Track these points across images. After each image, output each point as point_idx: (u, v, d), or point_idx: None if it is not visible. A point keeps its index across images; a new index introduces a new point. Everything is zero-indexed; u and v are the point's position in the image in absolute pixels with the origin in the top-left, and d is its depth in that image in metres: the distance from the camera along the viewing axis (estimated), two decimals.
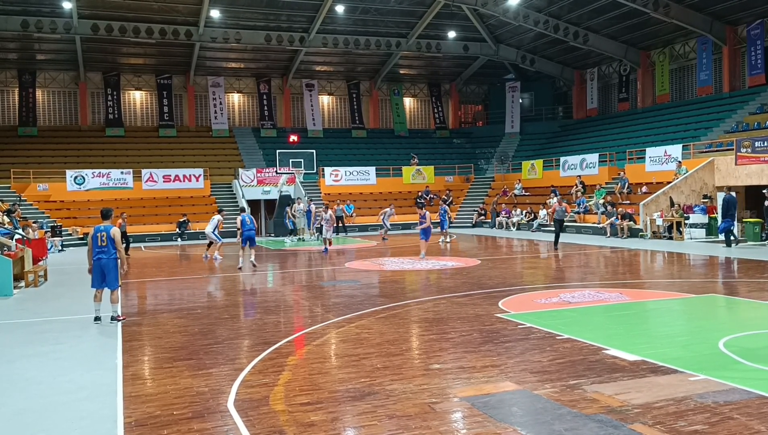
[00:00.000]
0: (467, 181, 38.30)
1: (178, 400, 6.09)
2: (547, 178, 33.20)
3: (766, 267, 15.02)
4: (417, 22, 35.90)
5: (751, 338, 8.03)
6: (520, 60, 40.04)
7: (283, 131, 39.47)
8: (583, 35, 35.00)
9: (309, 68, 40.55)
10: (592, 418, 5.32)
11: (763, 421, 5.10)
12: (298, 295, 12.92)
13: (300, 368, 7.20)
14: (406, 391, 6.14)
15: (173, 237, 29.08)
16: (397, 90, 43.85)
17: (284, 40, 35.52)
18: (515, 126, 42.39)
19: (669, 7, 29.88)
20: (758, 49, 29.56)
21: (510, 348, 7.78)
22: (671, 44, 34.62)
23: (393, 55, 39.10)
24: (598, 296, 11.37)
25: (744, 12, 29.72)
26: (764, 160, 21.81)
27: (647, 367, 6.75)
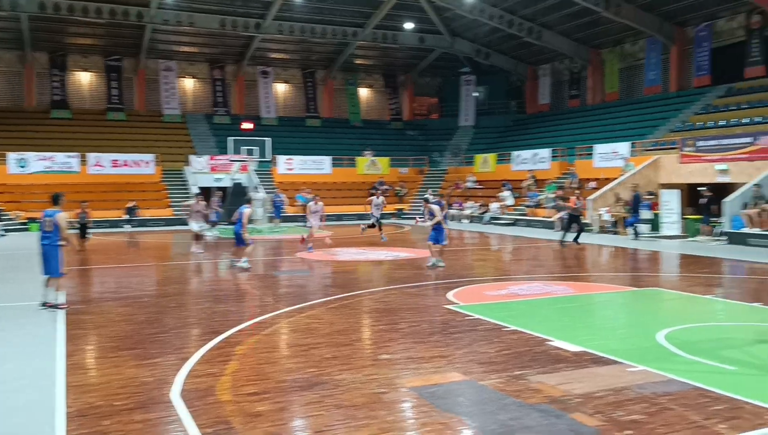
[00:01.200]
0: (421, 173, 38.51)
1: (121, 390, 5.97)
2: (499, 171, 33.65)
3: (705, 262, 15.57)
4: (373, 12, 35.79)
5: (690, 331, 8.32)
6: (475, 54, 40.38)
7: (237, 118, 38.88)
8: (537, 31, 35.50)
9: (264, 55, 40.04)
10: (535, 407, 5.44)
11: (699, 412, 5.30)
12: (249, 284, 12.80)
13: (248, 358, 7.15)
14: (355, 381, 6.16)
15: (121, 223, 28.41)
16: (353, 80, 43.69)
17: (239, 25, 34.96)
18: (469, 119, 42.77)
19: (620, 6, 30.54)
20: (705, 50, 30.50)
21: (458, 339, 7.89)
22: (621, 43, 35.43)
23: (349, 45, 38.93)
24: (546, 289, 11.60)
25: (692, 13, 30.60)
26: (707, 159, 22.57)
27: (589, 358, 6.93)
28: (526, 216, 28.04)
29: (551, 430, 4.96)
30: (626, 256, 17.62)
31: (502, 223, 28.57)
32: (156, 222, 29.43)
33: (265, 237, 23.95)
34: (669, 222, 21.63)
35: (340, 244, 20.52)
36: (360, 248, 19.12)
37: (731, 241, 19.10)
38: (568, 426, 5.04)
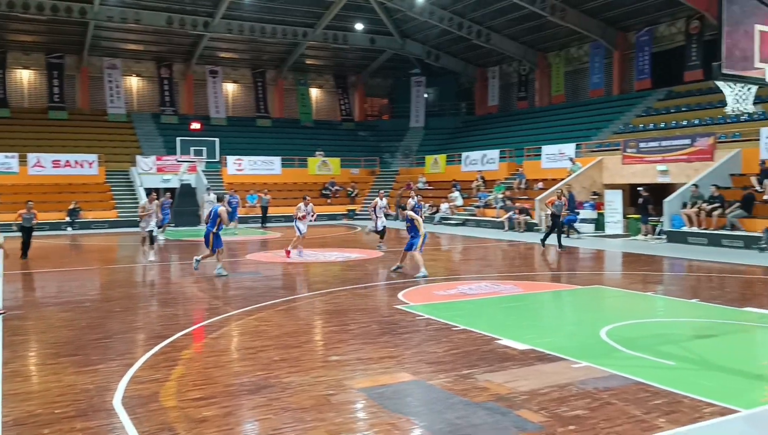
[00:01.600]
0: (373, 174, 38.58)
1: (60, 398, 5.79)
2: (449, 172, 33.98)
3: (646, 260, 16.05)
4: (324, 12, 35.67)
5: (631, 327, 8.57)
6: (426, 55, 40.70)
7: (185, 118, 38.19)
8: (486, 34, 36.01)
9: (213, 54, 39.45)
10: (481, 405, 5.52)
11: (640, 407, 5.46)
12: (197, 287, 12.58)
13: (194, 362, 7.03)
14: (303, 384, 6.13)
15: (63, 226, 27.56)
16: (304, 80, 43.46)
17: (187, 23, 34.34)
18: (420, 120, 43.07)
19: (565, 11, 31.24)
20: (646, 55, 31.47)
21: (408, 339, 7.93)
22: (567, 47, 36.25)
23: (299, 45, 38.71)
24: (494, 288, 11.77)
25: (634, 19, 31.54)
26: (648, 160, 23.28)
27: (535, 356, 7.07)
28: (476, 216, 28.39)
29: (497, 428, 5.04)
30: (572, 255, 18.02)
31: (452, 224, 28.86)
32: (100, 224, 28.66)
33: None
34: (612, 221, 22.23)
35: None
36: (310, 250, 19.02)
37: (671, 240, 19.75)
38: (513, 423, 5.13)
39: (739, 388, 6.08)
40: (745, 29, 7.16)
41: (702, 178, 20.48)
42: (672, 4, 28.03)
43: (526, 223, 24.75)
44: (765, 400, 5.64)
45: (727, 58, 6.99)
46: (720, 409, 5.35)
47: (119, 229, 27.87)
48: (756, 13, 7.16)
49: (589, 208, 23.67)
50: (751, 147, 21.03)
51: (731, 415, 5.23)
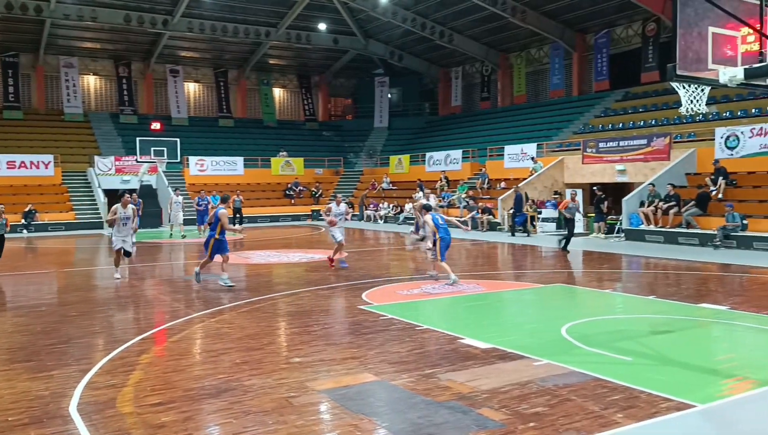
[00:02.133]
0: (337, 174, 38.48)
1: (13, 406, 5.62)
2: (413, 172, 34.10)
3: (605, 258, 16.34)
4: (287, 12, 35.47)
5: (590, 324, 8.71)
6: (389, 55, 40.78)
7: (145, 118, 37.58)
8: (449, 35, 36.25)
9: (173, 53, 38.88)
10: (443, 405, 5.54)
11: (597, 402, 5.55)
12: (157, 290, 12.37)
13: (153, 367, 6.90)
14: (265, 386, 6.07)
15: (18, 228, 26.81)
16: (267, 80, 43.15)
17: (146, 21, 33.77)
18: (383, 120, 43.13)
19: (526, 13, 31.64)
20: (604, 56, 32.08)
21: (371, 339, 7.92)
22: (528, 48, 36.72)
23: (262, 45, 38.41)
24: (457, 287, 11.83)
25: (592, 21, 32.12)
26: (607, 160, 23.71)
27: (497, 354, 7.12)
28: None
29: (458, 426, 5.06)
30: (534, 253, 18.24)
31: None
32: (57, 226, 27.99)
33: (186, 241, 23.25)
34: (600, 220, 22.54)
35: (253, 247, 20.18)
36: (273, 250, 18.89)
37: (629, 238, 20.15)
38: (474, 421, 5.16)
39: (695, 383, 6.22)
40: (699, 31, 7.32)
41: (658, 178, 20.94)
42: (629, 6, 28.62)
43: (489, 222, 24.97)
44: (720, 395, 5.78)
45: (682, 60, 7.13)
46: (676, 404, 5.45)
47: (76, 231, 27.26)
48: (709, 16, 7.33)
49: (550, 207, 23.99)
50: (705, 147, 21.60)
51: (687, 410, 5.34)
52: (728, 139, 20.42)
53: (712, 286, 12.07)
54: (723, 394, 5.83)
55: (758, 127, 19.93)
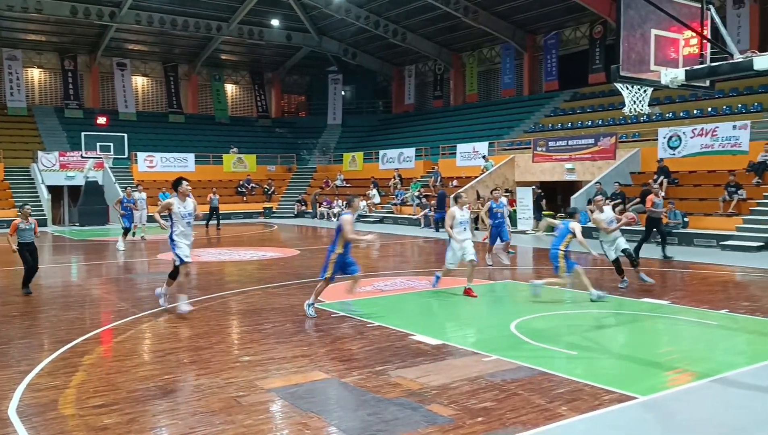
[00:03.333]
0: (290, 171, 38.21)
1: None
2: (367, 170, 34.11)
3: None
4: (239, 6, 34.98)
5: (538, 320, 8.86)
6: (343, 53, 40.67)
7: (91, 112, 36.57)
8: (402, 33, 36.37)
9: (121, 46, 37.92)
10: (393, 401, 5.56)
11: (544, 396, 5.66)
12: (102, 288, 12.07)
13: (97, 368, 6.73)
14: (212, 386, 5.98)
15: None
16: (219, 76, 42.53)
17: (92, 14, 32.83)
18: (337, 118, 43.02)
19: (478, 13, 31.99)
20: (553, 57, 32.72)
21: (322, 337, 7.89)
22: (480, 48, 37.15)
23: (213, 40, 37.82)
24: (409, 284, 11.91)
25: (542, 23, 32.69)
26: (556, 158, 24.18)
27: (447, 351, 7.19)
28: (393, 213, 28.63)
29: (407, 423, 5.09)
30: (485, 250, 18.46)
31: (369, 221, 28.96)
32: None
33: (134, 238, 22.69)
34: (524, 217, 22.93)
35: (204, 245, 19.87)
36: (224, 248, 18.65)
37: None
38: (423, 417, 5.19)
39: (637, 375, 6.40)
40: (642, 33, 7.51)
41: (605, 176, 21.46)
42: (577, 9, 29.23)
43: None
44: (661, 387, 5.96)
45: (625, 61, 7.31)
46: (619, 396, 5.61)
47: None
48: (652, 18, 7.53)
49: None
50: (649, 146, 22.24)
51: (629, 401, 5.49)
52: (671, 139, 21.07)
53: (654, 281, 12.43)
54: (664, 386, 6.01)
55: (699, 128, 20.63)
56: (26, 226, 11.04)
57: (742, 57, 7.17)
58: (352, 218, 9.26)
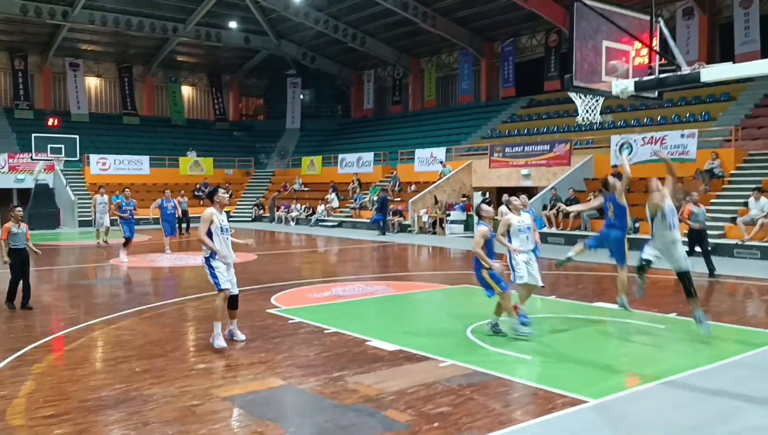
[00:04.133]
0: (247, 174, 37.85)
1: None
2: (326, 174, 34.03)
3: None
4: (196, 8, 34.51)
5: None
6: (302, 56, 40.52)
7: (42, 113, 35.61)
8: (361, 38, 36.43)
9: (74, 46, 37.03)
10: (350, 408, 5.57)
11: (498, 400, 5.75)
12: (53, 295, 11.75)
13: (47, 377, 6.56)
14: (166, 395, 5.89)
15: None
16: (175, 77, 41.89)
17: (44, 12, 31.95)
18: (296, 121, 42.82)
19: (436, 19, 32.26)
20: (510, 64, 33.22)
21: (279, 344, 7.85)
22: (438, 54, 37.48)
23: (170, 41, 37.24)
24: (367, 289, 11.93)
25: (499, 30, 33.16)
26: (513, 164, 24.54)
27: (404, 356, 7.23)
28: (352, 218, 28.63)
29: (364, 429, 5.11)
30: (443, 255, 18.64)
31: (328, 225, 28.92)
32: None
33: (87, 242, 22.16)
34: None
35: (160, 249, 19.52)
36: (180, 253, 18.37)
37: None
38: (380, 423, 5.22)
39: (590, 379, 6.55)
40: (594, 44, 7.71)
41: (560, 182, 21.87)
42: (533, 17, 29.74)
43: (399, 224, 25.30)
44: (612, 390, 6.10)
45: (578, 72, 7.49)
46: (571, 399, 5.73)
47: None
48: (603, 30, 7.73)
49: (459, 209, 24.56)
50: (602, 153, 22.77)
51: (581, 405, 5.62)
52: (622, 147, 21.61)
53: (605, 285, 12.73)
54: (615, 388, 6.15)
55: (649, 136, 21.22)
56: (18, 230, 10.12)
57: (690, 69, 7.43)
58: (488, 230, 8.11)
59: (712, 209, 18.26)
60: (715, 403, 5.73)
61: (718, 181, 19.33)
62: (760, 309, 10.40)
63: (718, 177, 19.39)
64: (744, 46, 24.27)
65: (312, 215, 30.27)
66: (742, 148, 20.42)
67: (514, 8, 29.17)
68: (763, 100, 23.02)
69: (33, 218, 27.83)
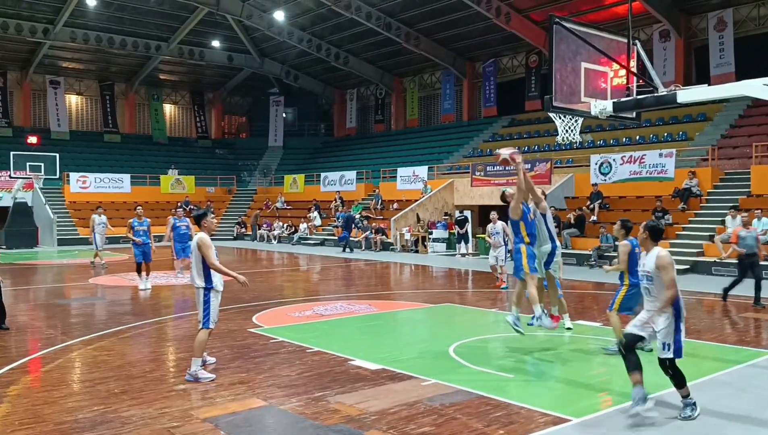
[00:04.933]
0: (229, 192, 37.72)
1: None
2: (308, 192, 34.02)
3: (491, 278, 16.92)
4: (179, 27, 34.59)
5: (476, 343, 8.99)
6: (285, 75, 40.66)
7: (21, 131, 35.33)
8: (344, 57, 36.65)
9: (54, 63, 36.85)
10: (332, 428, 5.53)
11: (481, 420, 5.73)
12: (30, 315, 11.56)
13: (22, 399, 6.44)
14: (145, 417, 5.81)
15: None
16: (157, 95, 41.79)
17: (24, 29, 31.84)
18: (278, 140, 42.85)
19: (419, 39, 32.59)
20: (491, 84, 33.58)
21: (260, 363, 7.78)
22: (420, 73, 37.80)
23: (152, 59, 37.19)
24: (349, 308, 11.89)
25: (480, 51, 33.55)
26: (495, 183, 24.70)
27: (386, 375, 7.20)
28: (334, 236, 28.56)
29: None
30: (425, 273, 18.64)
31: (310, 244, 28.84)
32: None
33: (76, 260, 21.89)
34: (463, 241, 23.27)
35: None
36: (161, 272, 18.17)
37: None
38: None
39: (571, 397, 6.57)
40: (573, 66, 7.84)
41: None
42: (513, 39, 30.14)
43: (382, 242, 25.31)
44: (594, 408, 6.12)
45: (558, 92, 7.61)
46: (553, 418, 5.73)
47: None
48: (582, 52, 7.88)
49: (441, 227, 24.64)
50: (582, 172, 23.02)
51: (563, 423, 5.63)
52: (602, 166, 21.88)
53: (587, 303, 12.81)
54: (596, 407, 6.18)
55: (628, 155, 21.51)
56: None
57: (666, 90, 7.57)
58: None
59: (690, 228, 18.50)
60: (695, 422, 5.77)
61: (696, 199, 19.60)
62: (737, 326, 10.51)
63: (695, 196, 19.67)
64: (719, 69, 24.77)
65: (294, 233, 30.18)
66: (719, 167, 20.77)
67: (495, 30, 29.56)
68: (738, 120, 23.48)
69: (10, 237, 27.61)
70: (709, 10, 25.55)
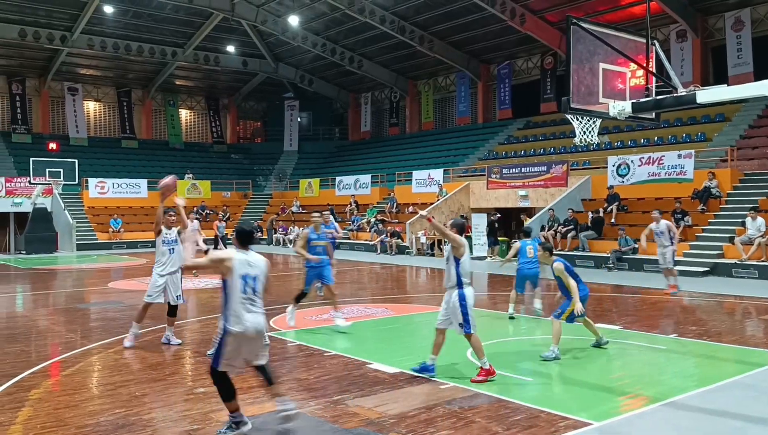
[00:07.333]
0: (245, 197, 37.90)
1: None
2: (323, 196, 34.10)
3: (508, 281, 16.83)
4: (195, 33, 34.86)
5: (494, 346, 8.92)
6: (299, 79, 40.81)
7: (41, 137, 35.73)
8: (358, 61, 36.73)
9: (72, 70, 37.26)
10: (351, 431, 5.52)
11: (500, 423, 5.70)
12: (51, 319, 11.68)
13: (44, 402, 6.50)
14: (166, 419, 5.85)
15: None
16: (173, 101, 42.10)
17: (42, 37, 32.23)
18: (293, 144, 42.99)
19: (433, 42, 32.58)
20: (506, 86, 33.47)
21: (278, 367, 7.78)
22: (435, 76, 37.77)
23: (168, 65, 37.49)
24: (366, 311, 11.89)
25: (495, 53, 33.47)
26: (510, 185, 24.62)
27: (405, 379, 7.19)
28: (349, 239, 28.59)
29: None
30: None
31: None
32: None
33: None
34: (479, 244, 23.19)
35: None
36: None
37: None
38: None
39: (592, 401, 6.51)
40: (590, 67, 7.78)
41: (557, 203, 21.93)
42: (528, 41, 30.03)
43: (397, 245, 25.29)
44: (615, 412, 6.07)
45: (575, 94, 7.55)
46: (574, 422, 5.69)
47: None
48: (599, 52, 7.81)
49: None
50: (599, 174, 22.86)
51: (585, 427, 5.58)
52: (620, 168, 21.72)
53: (606, 306, 12.71)
54: (617, 411, 6.13)
55: (646, 157, 21.33)
56: None
57: (686, 91, 7.49)
58: None
59: (710, 229, 18.30)
60: (717, 425, 5.70)
61: (716, 201, 19.39)
62: (759, 328, 10.37)
63: (715, 197, 19.46)
64: (737, 69, 24.51)
65: None
66: (738, 168, 20.54)
67: (510, 32, 29.48)
68: (756, 120, 23.20)
69: (30, 242, 27.91)
70: (725, 9, 25.31)
